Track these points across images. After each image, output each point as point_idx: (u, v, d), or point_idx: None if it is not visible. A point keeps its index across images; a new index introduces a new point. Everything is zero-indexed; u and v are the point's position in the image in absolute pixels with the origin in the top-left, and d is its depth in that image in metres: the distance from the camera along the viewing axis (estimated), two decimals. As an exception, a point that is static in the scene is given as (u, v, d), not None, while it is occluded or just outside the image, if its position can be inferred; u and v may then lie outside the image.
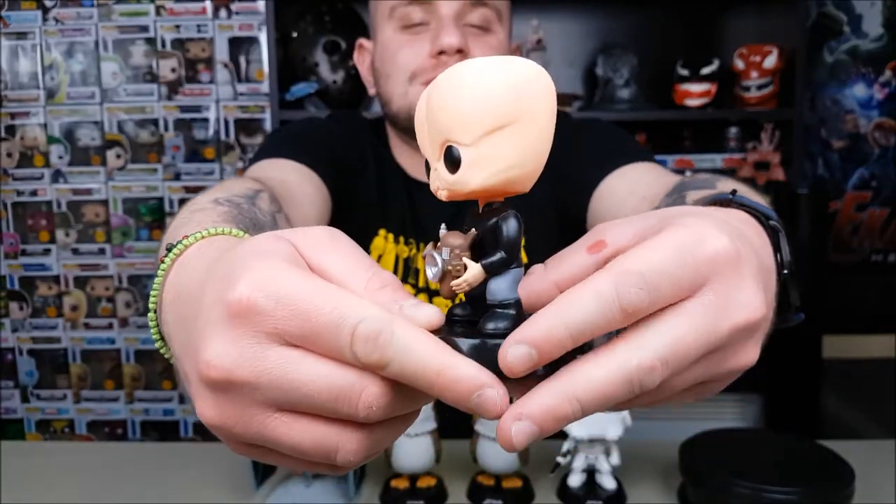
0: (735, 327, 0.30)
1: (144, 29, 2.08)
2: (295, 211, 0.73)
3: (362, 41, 1.03)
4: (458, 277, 0.31)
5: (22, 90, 2.11)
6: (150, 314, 0.40)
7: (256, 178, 0.70)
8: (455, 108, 0.30)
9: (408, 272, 0.96)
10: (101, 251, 2.15)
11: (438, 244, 0.32)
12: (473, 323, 0.32)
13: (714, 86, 1.87)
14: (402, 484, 0.78)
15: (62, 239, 2.15)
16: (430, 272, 0.32)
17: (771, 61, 1.85)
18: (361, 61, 1.04)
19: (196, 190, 2.11)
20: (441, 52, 0.87)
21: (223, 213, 0.55)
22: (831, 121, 2.11)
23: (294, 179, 0.81)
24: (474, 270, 0.31)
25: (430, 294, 0.95)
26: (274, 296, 0.27)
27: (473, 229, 0.32)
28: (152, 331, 0.40)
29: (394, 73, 0.92)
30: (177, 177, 2.12)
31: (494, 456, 0.77)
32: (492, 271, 0.31)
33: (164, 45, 2.09)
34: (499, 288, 0.31)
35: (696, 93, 1.86)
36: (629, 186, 0.80)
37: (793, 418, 1.80)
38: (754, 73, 1.86)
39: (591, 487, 0.78)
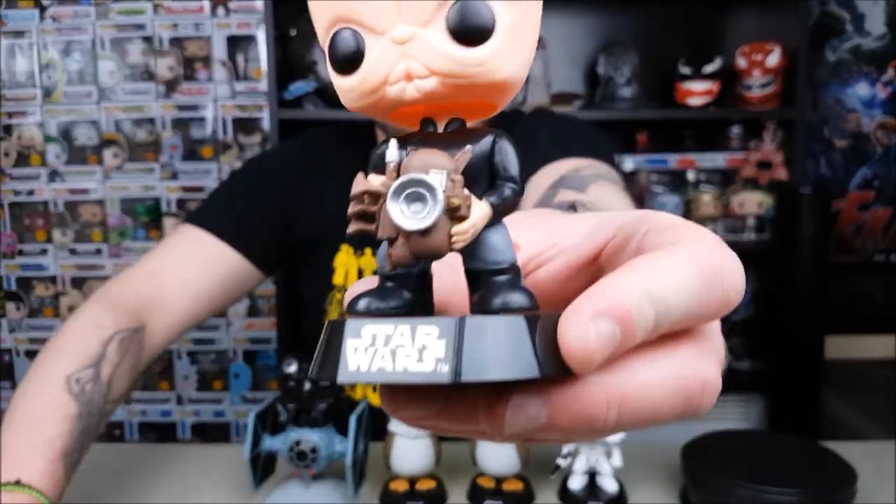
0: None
1: (142, 27, 2.07)
2: (159, 314, 0.83)
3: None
4: (464, 218, 0.20)
5: (19, 89, 2.10)
6: None
7: (114, 306, 0.80)
8: None
9: None
10: (98, 251, 2.14)
11: (402, 167, 0.21)
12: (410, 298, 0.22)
13: (716, 84, 1.86)
14: (401, 486, 0.77)
15: (59, 239, 2.14)
16: (412, 213, 0.20)
17: (773, 60, 1.84)
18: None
19: (193, 190, 2.10)
20: None
21: (66, 417, 0.68)
22: (834, 120, 2.10)
23: (176, 269, 0.88)
24: (482, 210, 0.21)
25: None
26: None
27: (468, 146, 0.22)
28: None
29: None
30: (174, 176, 2.11)
31: (495, 458, 0.76)
32: (499, 213, 0.21)
33: (161, 43, 2.08)
34: (502, 243, 0.22)
35: (697, 91, 1.85)
36: (549, 179, 0.75)
37: (795, 419, 1.79)
38: (756, 72, 1.85)
39: (592, 489, 0.77)
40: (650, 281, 0.20)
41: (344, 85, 0.22)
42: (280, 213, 0.95)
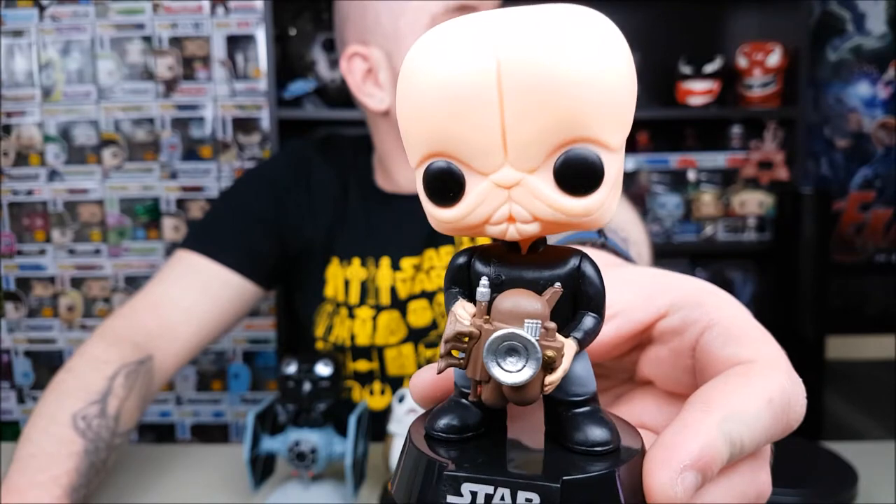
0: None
1: (141, 27, 2.07)
2: (166, 344, 0.84)
3: (357, 49, 0.89)
4: (557, 368, 0.21)
5: (18, 89, 2.09)
6: None
7: (118, 341, 0.81)
8: (604, 81, 0.19)
9: (365, 294, 0.94)
10: (98, 251, 2.13)
11: (492, 307, 0.21)
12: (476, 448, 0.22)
13: (717, 84, 1.86)
14: (400, 487, 0.76)
15: (58, 239, 2.13)
16: (508, 365, 0.20)
17: (774, 59, 1.84)
18: (351, 70, 0.90)
19: (193, 189, 2.09)
20: None
21: (72, 454, 0.68)
22: (835, 119, 2.10)
23: (178, 298, 0.88)
24: (571, 351, 0.21)
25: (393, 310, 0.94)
26: None
27: (557, 284, 0.21)
28: None
29: None
30: (173, 176, 2.11)
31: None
32: (583, 346, 0.22)
33: (160, 43, 2.07)
34: (585, 375, 0.22)
35: (698, 91, 1.85)
36: None
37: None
38: (757, 72, 1.85)
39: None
40: (728, 423, 0.21)
41: (439, 215, 0.22)
42: (273, 230, 0.96)
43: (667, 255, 1.92)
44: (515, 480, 0.20)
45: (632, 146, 1.99)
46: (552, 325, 0.20)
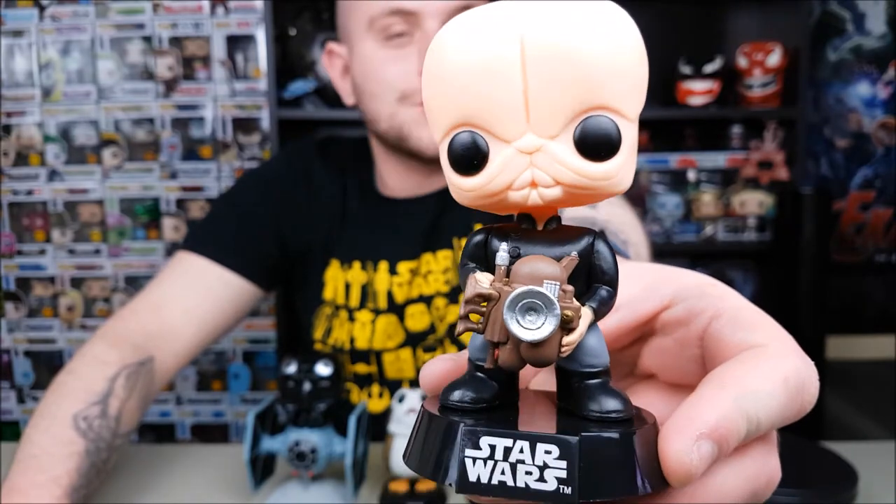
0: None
1: (141, 27, 2.07)
2: (167, 345, 0.84)
3: (332, 46, 0.95)
4: (574, 329, 0.21)
5: (18, 89, 2.09)
6: None
7: (119, 342, 0.81)
8: (619, 56, 0.21)
9: (365, 298, 0.94)
10: (98, 251, 2.13)
11: (511, 271, 0.22)
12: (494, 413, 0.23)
13: (717, 84, 1.86)
14: (401, 487, 0.76)
15: (58, 239, 2.13)
16: (527, 323, 0.21)
17: (774, 59, 1.84)
18: (332, 66, 0.96)
19: (193, 189, 2.09)
20: None
21: (73, 454, 0.68)
22: (835, 119, 2.10)
23: (179, 299, 0.88)
24: (588, 317, 0.22)
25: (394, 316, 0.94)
26: None
27: (574, 252, 0.22)
28: None
29: (380, 93, 0.87)
30: (173, 176, 2.11)
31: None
32: (597, 317, 0.23)
33: (160, 42, 2.07)
34: (598, 346, 0.23)
35: (698, 91, 1.85)
36: None
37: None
38: (757, 72, 1.85)
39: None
40: (745, 400, 0.22)
41: (462, 184, 0.23)
42: (274, 232, 0.96)
43: (667, 255, 1.92)
44: (534, 433, 0.21)
45: (632, 146, 1.99)
46: (570, 287, 0.21)
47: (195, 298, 0.89)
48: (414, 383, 0.94)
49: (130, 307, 0.88)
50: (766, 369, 0.23)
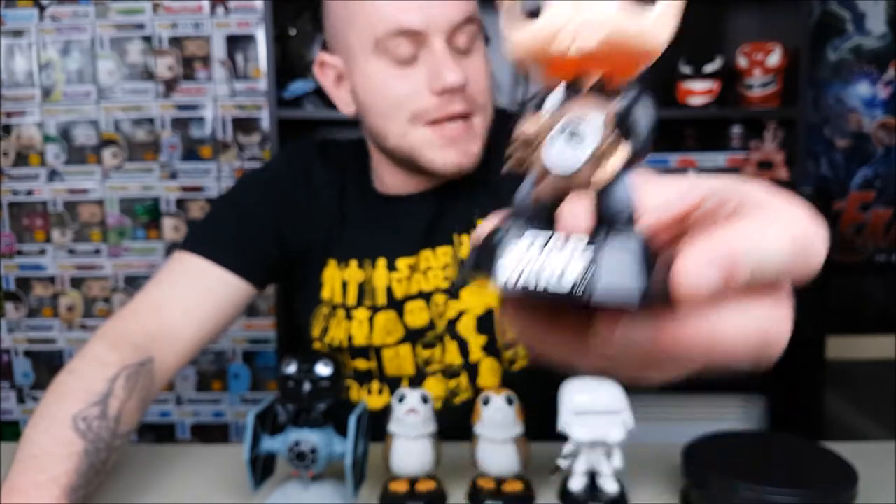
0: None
1: (141, 27, 2.07)
2: (167, 345, 0.85)
3: (324, 57, 0.93)
4: (612, 158, 0.23)
5: (18, 89, 2.10)
6: None
7: (119, 342, 0.81)
8: None
9: (362, 295, 0.94)
10: (98, 251, 2.13)
11: (552, 110, 0.24)
12: None
13: (717, 84, 1.85)
14: (401, 487, 0.76)
15: (58, 239, 2.14)
16: (569, 150, 0.23)
17: (774, 59, 1.84)
18: (324, 76, 0.94)
19: (193, 189, 2.09)
20: (443, 91, 0.82)
21: (72, 455, 0.69)
22: (835, 119, 2.10)
23: (178, 299, 0.88)
24: (623, 154, 0.23)
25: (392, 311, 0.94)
26: None
27: (618, 98, 0.24)
28: None
29: (390, 112, 0.85)
30: (173, 176, 2.11)
31: (495, 459, 0.76)
32: (636, 158, 0.24)
33: (160, 42, 2.07)
34: (627, 195, 0.24)
35: (698, 91, 1.85)
36: None
37: (796, 420, 1.79)
38: (757, 72, 1.85)
39: (592, 490, 0.77)
40: (753, 242, 0.23)
41: (519, 35, 0.25)
42: (273, 232, 0.96)
43: (667, 255, 1.92)
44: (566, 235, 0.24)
45: (632, 146, 1.99)
46: (612, 120, 0.23)
47: (195, 299, 0.89)
48: (413, 381, 0.94)
49: (130, 307, 0.88)
50: (776, 225, 0.24)
